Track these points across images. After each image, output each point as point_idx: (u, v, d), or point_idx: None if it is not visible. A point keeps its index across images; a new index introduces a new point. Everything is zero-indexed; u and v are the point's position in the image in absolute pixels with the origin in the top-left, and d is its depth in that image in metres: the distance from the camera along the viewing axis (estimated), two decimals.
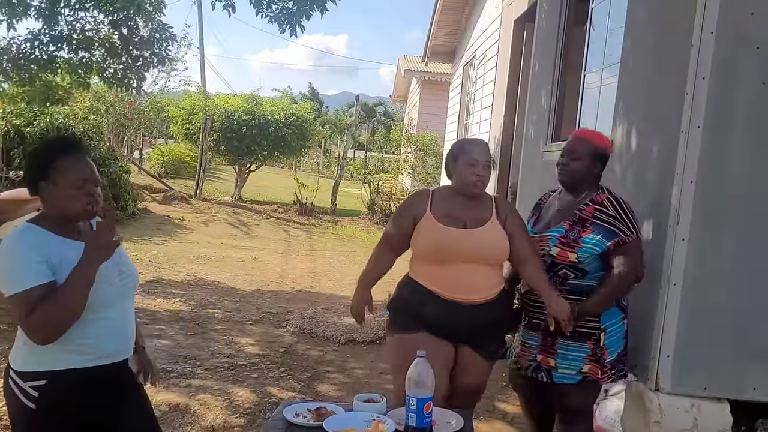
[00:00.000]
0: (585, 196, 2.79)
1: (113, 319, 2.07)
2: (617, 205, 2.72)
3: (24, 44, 6.95)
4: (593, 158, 2.79)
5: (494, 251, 2.72)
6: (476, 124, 9.82)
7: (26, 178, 2.06)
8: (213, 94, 19.04)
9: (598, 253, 2.69)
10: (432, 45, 13.19)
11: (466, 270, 2.68)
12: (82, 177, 1.99)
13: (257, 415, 3.90)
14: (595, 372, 2.75)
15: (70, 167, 1.98)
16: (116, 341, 2.10)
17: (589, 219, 2.71)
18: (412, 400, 2.04)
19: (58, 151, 2.01)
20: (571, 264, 2.72)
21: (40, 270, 1.88)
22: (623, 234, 2.67)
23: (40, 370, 1.97)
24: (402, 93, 24.21)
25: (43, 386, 1.96)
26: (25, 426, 2.01)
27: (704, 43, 2.90)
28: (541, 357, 2.84)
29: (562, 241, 2.73)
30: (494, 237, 2.71)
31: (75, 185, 1.98)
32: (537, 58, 6.05)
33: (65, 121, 10.43)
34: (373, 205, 14.26)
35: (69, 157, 2.00)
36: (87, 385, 2.01)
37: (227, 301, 6.64)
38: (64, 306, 1.88)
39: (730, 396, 2.99)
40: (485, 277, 2.72)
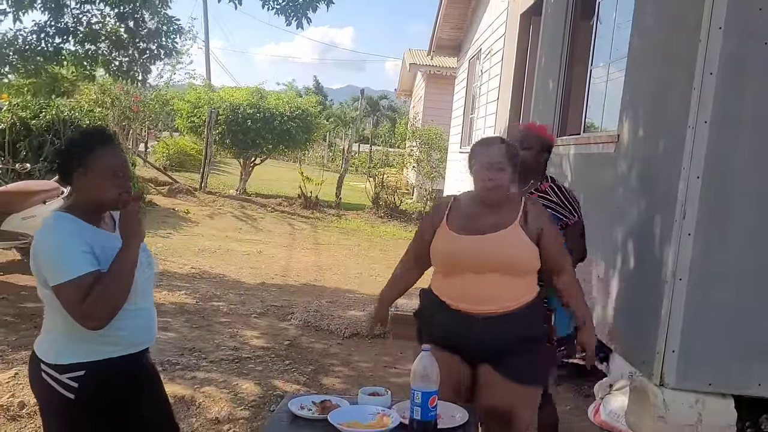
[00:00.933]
0: (531, 185, 2.92)
1: (144, 308, 2.15)
2: (558, 192, 2.89)
3: (30, 36, 6.95)
4: (541, 148, 2.94)
5: (509, 259, 2.46)
6: (482, 118, 9.80)
7: (60, 165, 2.08)
8: (218, 88, 19.03)
9: None
10: (438, 39, 13.16)
11: (478, 279, 2.47)
12: (118, 167, 2.05)
13: (262, 407, 3.91)
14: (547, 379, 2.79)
15: (108, 156, 2.04)
16: (146, 330, 2.17)
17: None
18: (416, 394, 2.04)
19: (96, 141, 2.06)
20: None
21: (87, 258, 1.93)
22: (564, 218, 2.84)
23: (79, 362, 2.00)
24: (407, 87, 24.16)
25: (82, 377, 2.00)
26: (62, 417, 2.05)
27: (712, 38, 2.89)
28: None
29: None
30: (510, 244, 2.46)
31: (111, 174, 2.03)
32: (543, 52, 6.03)
33: (71, 114, 10.45)
34: (378, 199, 14.25)
35: (106, 147, 2.06)
36: (120, 374, 2.07)
37: (232, 294, 6.65)
38: (117, 289, 1.94)
39: (735, 392, 2.99)
40: (502, 286, 2.46)
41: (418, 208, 14.16)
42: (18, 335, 4.75)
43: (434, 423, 2.06)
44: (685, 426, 2.96)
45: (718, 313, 2.94)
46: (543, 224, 2.47)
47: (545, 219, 2.52)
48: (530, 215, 2.48)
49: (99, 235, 2.04)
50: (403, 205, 14.53)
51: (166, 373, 4.28)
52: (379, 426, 2.13)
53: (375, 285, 7.70)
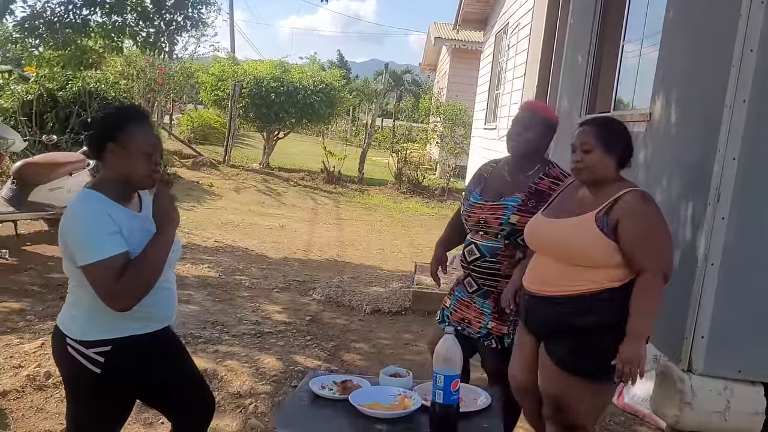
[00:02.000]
0: (538, 169, 2.79)
1: (171, 283, 2.20)
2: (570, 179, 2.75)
3: (58, 8, 6.96)
4: (545, 130, 2.81)
5: (561, 248, 2.43)
6: (507, 94, 9.64)
7: (92, 139, 2.08)
8: (242, 60, 18.99)
9: None
10: (464, 12, 12.94)
11: (539, 260, 2.53)
12: (151, 144, 2.05)
13: (283, 382, 3.93)
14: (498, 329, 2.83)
15: (141, 134, 2.03)
16: (169, 307, 2.21)
17: (546, 191, 2.72)
18: (439, 377, 2.01)
19: (131, 117, 2.06)
20: None
21: (116, 239, 1.94)
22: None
23: (105, 338, 2.03)
24: (432, 61, 23.88)
25: (108, 352, 2.03)
26: (87, 390, 2.08)
27: (753, 14, 2.76)
28: (494, 324, 2.80)
29: (521, 209, 2.70)
30: (570, 233, 2.40)
31: (144, 151, 2.03)
32: (573, 27, 5.88)
33: (96, 86, 10.50)
34: (401, 174, 14.18)
35: (141, 124, 2.05)
36: (146, 349, 2.10)
37: (255, 268, 6.68)
38: (150, 273, 1.97)
39: (765, 379, 2.92)
40: (556, 271, 2.43)
41: (441, 185, 14.07)
42: (45, 305, 4.82)
43: (456, 407, 2.04)
44: (713, 413, 2.90)
45: (750, 300, 2.87)
46: (622, 217, 2.31)
47: (631, 212, 2.32)
48: (617, 206, 2.34)
49: (126, 215, 2.04)
50: (426, 181, 14.45)
51: (189, 346, 4.30)
52: (401, 408, 2.11)
53: (397, 261, 7.69)
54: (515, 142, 2.80)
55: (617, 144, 2.45)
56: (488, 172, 2.96)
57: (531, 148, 2.80)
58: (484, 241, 2.79)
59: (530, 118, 2.80)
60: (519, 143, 2.79)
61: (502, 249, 2.75)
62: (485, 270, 2.80)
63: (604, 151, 2.42)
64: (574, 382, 2.39)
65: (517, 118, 2.84)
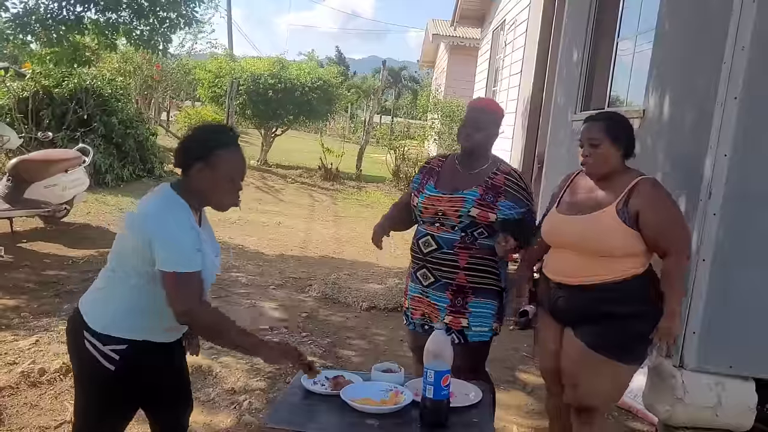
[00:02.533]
0: (491, 164, 2.85)
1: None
2: (520, 178, 2.84)
3: (52, 5, 6.94)
4: (495, 126, 2.89)
5: (583, 241, 2.55)
6: (504, 91, 9.65)
7: (182, 153, 2.11)
8: (240, 57, 18.96)
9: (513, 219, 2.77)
10: (461, 9, 12.94)
11: (560, 253, 2.67)
12: (240, 171, 2.09)
13: (277, 378, 3.94)
14: (498, 328, 2.89)
15: (233, 159, 2.06)
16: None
17: (501, 187, 2.78)
18: (429, 373, 2.02)
19: (225, 140, 2.08)
20: (489, 224, 2.75)
21: (200, 257, 2.01)
22: (530, 204, 2.82)
23: (124, 337, 2.05)
24: (430, 58, 23.87)
25: (124, 350, 2.05)
26: (99, 385, 2.10)
27: (745, 11, 2.77)
28: (450, 318, 2.80)
29: (480, 203, 2.74)
30: (589, 227, 2.53)
31: (231, 178, 2.07)
32: (569, 24, 5.88)
33: (93, 83, 10.49)
34: (399, 171, 14.18)
35: (233, 149, 2.08)
36: (160, 352, 2.14)
37: (251, 265, 6.69)
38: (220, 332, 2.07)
39: (756, 375, 2.94)
40: (581, 263, 2.56)
41: None
42: (39, 302, 4.83)
43: (446, 402, 2.05)
44: (705, 408, 2.91)
45: (741, 296, 2.88)
46: (642, 207, 2.46)
47: (651, 200, 2.47)
48: (633, 196, 2.49)
49: (198, 233, 2.07)
50: None
51: None
52: (392, 403, 2.13)
53: (393, 258, 7.69)
54: (470, 139, 2.84)
55: (622, 135, 2.59)
56: (438, 165, 3.00)
57: (483, 145, 2.86)
58: (440, 232, 2.80)
59: (482, 117, 2.86)
60: (474, 140, 2.83)
61: (458, 241, 2.77)
62: (442, 262, 2.80)
63: (611, 143, 2.56)
64: (601, 363, 2.54)
65: (469, 116, 2.89)
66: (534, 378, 4.39)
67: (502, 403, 3.92)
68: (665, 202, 2.52)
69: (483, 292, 2.80)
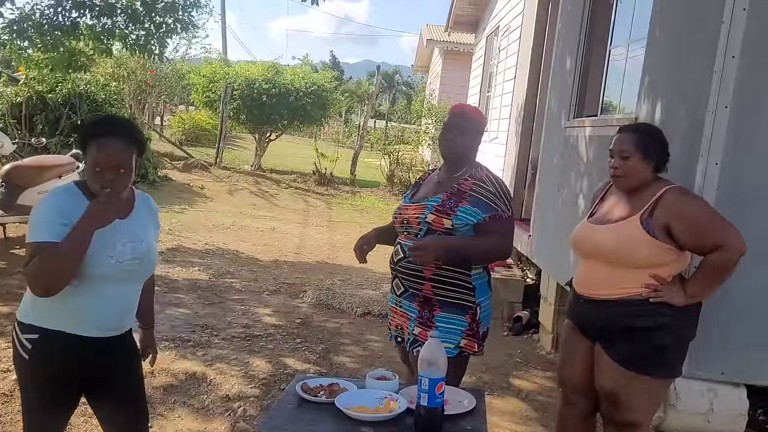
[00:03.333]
0: (465, 171, 2.76)
1: (112, 294, 2.15)
2: (495, 183, 2.71)
3: (47, 10, 6.93)
4: (476, 134, 2.81)
5: (607, 251, 2.57)
6: (498, 97, 9.68)
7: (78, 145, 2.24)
8: (234, 62, 18.97)
9: (473, 223, 2.65)
10: (455, 15, 12.96)
11: (587, 265, 2.69)
12: (103, 161, 2.06)
13: (272, 385, 3.95)
14: (472, 346, 2.71)
15: (97, 149, 2.07)
16: (110, 317, 2.18)
17: (467, 192, 2.68)
18: (424, 380, 2.03)
19: (93, 132, 2.11)
20: (446, 231, 2.66)
21: (59, 231, 1.99)
22: (499, 209, 2.66)
23: (35, 325, 2.11)
24: (424, 63, 23.93)
25: (35, 340, 2.10)
26: (20, 373, 2.19)
27: (735, 20, 2.80)
28: (419, 330, 2.72)
29: (438, 209, 2.67)
30: (614, 237, 2.55)
31: (95, 166, 2.07)
32: (562, 31, 5.92)
33: (87, 88, 10.47)
34: (393, 176, 14.21)
35: (100, 140, 2.08)
36: (77, 352, 2.13)
37: (245, 271, 6.69)
38: (55, 264, 1.97)
39: (747, 381, 2.96)
40: (605, 274, 2.59)
41: None
42: None
43: (441, 410, 2.06)
44: (696, 414, 2.93)
45: (732, 302, 2.90)
46: (671, 218, 2.45)
47: (676, 211, 2.46)
48: (659, 206, 2.48)
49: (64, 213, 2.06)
50: None
51: (178, 349, 4.33)
52: (387, 411, 2.13)
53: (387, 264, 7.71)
54: (450, 147, 2.78)
55: (654, 149, 2.56)
56: (424, 178, 3.01)
57: (465, 152, 2.78)
58: (406, 240, 2.76)
59: (463, 123, 2.79)
60: (454, 147, 2.77)
61: None
62: (409, 271, 2.73)
63: (642, 157, 2.54)
64: (633, 379, 2.54)
65: (449, 122, 2.81)
66: (528, 384, 4.41)
67: (497, 409, 3.93)
68: (692, 205, 2.51)
69: (450, 307, 2.68)
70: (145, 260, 2.21)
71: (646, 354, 2.53)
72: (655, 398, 2.66)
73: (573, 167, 4.85)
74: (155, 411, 3.52)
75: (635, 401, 2.58)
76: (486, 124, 2.95)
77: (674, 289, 2.49)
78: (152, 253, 2.27)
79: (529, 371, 4.66)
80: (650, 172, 2.56)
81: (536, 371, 4.66)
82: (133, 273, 2.18)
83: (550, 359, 4.87)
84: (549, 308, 5.10)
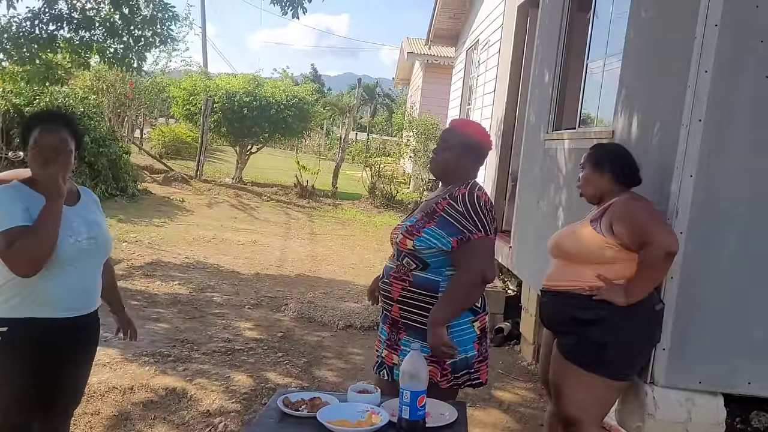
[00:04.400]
0: (450, 188, 2.60)
1: (74, 275, 2.29)
2: (468, 201, 2.49)
3: (24, 23, 6.88)
4: (464, 150, 2.62)
5: (561, 247, 2.86)
6: (478, 110, 9.76)
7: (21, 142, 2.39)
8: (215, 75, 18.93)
9: (439, 248, 2.48)
10: (435, 28, 13.08)
11: (552, 263, 2.93)
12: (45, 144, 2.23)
13: (254, 400, 3.92)
14: (435, 373, 2.48)
15: (39, 134, 2.24)
16: (75, 297, 2.31)
17: (438, 212, 2.52)
18: (405, 393, 2.03)
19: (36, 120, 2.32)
20: (410, 252, 2.52)
21: (21, 216, 2.15)
22: (467, 231, 2.46)
23: (3, 317, 2.21)
24: (405, 75, 24.06)
25: (4, 333, 2.20)
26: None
27: (707, 36, 2.86)
28: (386, 353, 2.64)
29: (409, 230, 2.54)
30: (568, 233, 2.90)
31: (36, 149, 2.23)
32: (540, 45, 6.00)
33: (65, 101, 10.39)
34: (374, 188, 14.23)
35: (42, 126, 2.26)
36: (47, 338, 2.24)
37: (226, 285, 6.65)
38: (36, 240, 2.13)
39: (724, 390, 2.99)
40: (561, 268, 2.85)
41: (414, 198, 14.15)
42: None
43: (422, 422, 2.06)
44: (675, 423, 2.96)
45: (709, 312, 2.94)
46: (614, 218, 2.69)
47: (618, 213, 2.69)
48: (609, 209, 2.74)
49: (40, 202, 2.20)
50: (400, 195, 14.52)
51: (158, 365, 4.29)
52: (368, 424, 2.13)
53: (369, 276, 7.69)
54: (431, 161, 2.73)
55: (605, 161, 2.86)
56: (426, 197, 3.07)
57: (449, 168, 2.64)
58: (389, 261, 2.68)
59: (449, 138, 2.67)
60: (436, 162, 2.69)
61: (394, 270, 2.60)
62: (383, 292, 2.66)
63: (593, 168, 2.86)
64: (570, 370, 2.71)
65: (439, 137, 2.74)
66: (510, 395, 4.43)
67: (479, 421, 3.94)
68: (632, 206, 2.72)
69: (415, 331, 2.52)
70: (99, 240, 2.37)
71: (586, 348, 2.69)
72: (598, 398, 2.72)
73: (552, 179, 4.91)
74: (135, 428, 3.48)
75: (575, 395, 2.70)
76: (480, 141, 2.68)
77: (615, 289, 2.64)
78: (105, 234, 2.43)
79: (511, 382, 4.68)
80: (608, 182, 2.83)
81: (518, 382, 4.68)
82: (91, 252, 2.34)
83: (531, 370, 4.90)
84: (530, 319, 5.13)
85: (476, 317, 2.57)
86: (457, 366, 2.52)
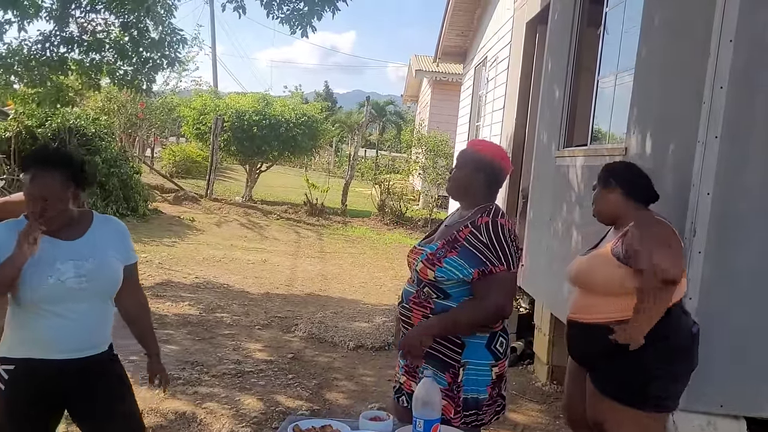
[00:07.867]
0: (473, 214, 2.49)
1: (64, 316, 2.19)
2: (492, 231, 2.39)
3: (35, 46, 6.95)
4: (475, 169, 2.52)
5: (579, 276, 2.73)
6: (487, 126, 9.73)
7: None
8: (224, 94, 19.06)
9: (460, 278, 2.39)
10: (443, 45, 13.10)
11: (576, 292, 2.78)
12: (29, 193, 2.15)
13: (264, 424, 3.86)
14: (449, 410, 2.40)
15: (27, 182, 2.16)
16: (69, 338, 2.21)
17: (460, 241, 2.42)
18: (419, 422, 1.98)
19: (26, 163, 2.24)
20: (431, 282, 2.45)
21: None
22: (489, 263, 2.36)
23: (9, 357, 2.19)
24: (413, 93, 24.12)
25: (11, 371, 2.17)
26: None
27: (722, 52, 2.82)
28: (404, 379, 2.57)
29: (429, 258, 2.45)
30: (587, 262, 2.71)
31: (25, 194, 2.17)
32: (549, 61, 5.97)
33: (77, 122, 10.46)
34: (384, 206, 14.20)
35: (32, 172, 2.16)
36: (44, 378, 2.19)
37: (236, 305, 6.61)
38: None
39: (746, 413, 2.91)
40: (586, 300, 2.67)
41: (424, 215, 14.10)
42: None
43: None
44: None
45: (730, 335, 2.87)
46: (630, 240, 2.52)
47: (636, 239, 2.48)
48: (626, 238, 2.55)
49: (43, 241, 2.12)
50: (409, 212, 14.47)
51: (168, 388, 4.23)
52: None
53: (380, 294, 7.65)
54: (447, 182, 2.68)
55: (614, 179, 2.70)
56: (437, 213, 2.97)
57: (461, 187, 2.57)
58: (407, 285, 2.61)
59: (462, 158, 2.60)
60: (449, 182, 2.64)
61: (413, 295, 2.52)
62: (402, 317, 2.58)
63: (603, 186, 2.73)
64: (612, 407, 2.54)
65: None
66: (524, 417, 4.34)
67: None
68: (649, 229, 2.50)
69: (432, 360, 2.42)
70: (95, 278, 2.22)
71: (626, 383, 2.51)
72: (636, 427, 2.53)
73: (564, 197, 4.85)
74: None
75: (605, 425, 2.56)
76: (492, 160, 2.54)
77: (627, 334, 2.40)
78: (106, 271, 2.27)
79: (525, 404, 4.59)
80: (619, 202, 2.66)
81: (532, 404, 4.59)
82: (84, 291, 2.20)
83: (545, 391, 4.81)
84: (543, 338, 5.04)
85: (496, 363, 2.48)
86: (468, 404, 2.44)
